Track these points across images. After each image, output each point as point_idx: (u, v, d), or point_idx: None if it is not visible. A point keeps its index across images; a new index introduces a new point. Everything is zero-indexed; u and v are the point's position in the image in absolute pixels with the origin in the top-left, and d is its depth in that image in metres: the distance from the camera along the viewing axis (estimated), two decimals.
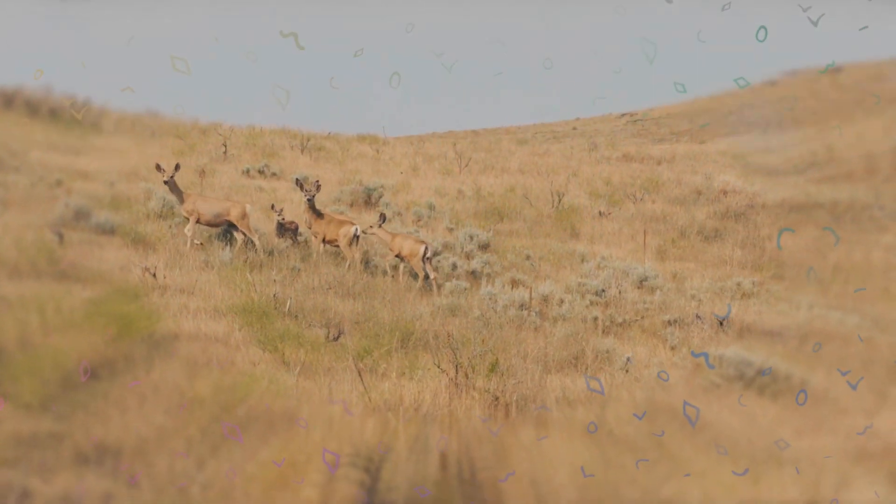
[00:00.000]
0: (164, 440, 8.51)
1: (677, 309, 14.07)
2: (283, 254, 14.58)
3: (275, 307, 12.09)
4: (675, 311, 13.93)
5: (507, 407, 10.20)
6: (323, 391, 10.19)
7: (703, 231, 17.99)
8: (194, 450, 8.49)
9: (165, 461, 8.23)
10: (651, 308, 14.25)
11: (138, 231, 13.55)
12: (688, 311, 13.89)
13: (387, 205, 17.88)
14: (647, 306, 14.30)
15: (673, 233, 18.04)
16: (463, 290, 14.51)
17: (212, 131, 21.56)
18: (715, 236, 17.92)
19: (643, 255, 17.00)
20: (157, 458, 8.27)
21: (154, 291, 11.75)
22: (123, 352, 10.00)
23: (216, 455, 8.47)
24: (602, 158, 23.64)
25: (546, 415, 9.67)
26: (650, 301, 14.41)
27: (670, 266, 16.54)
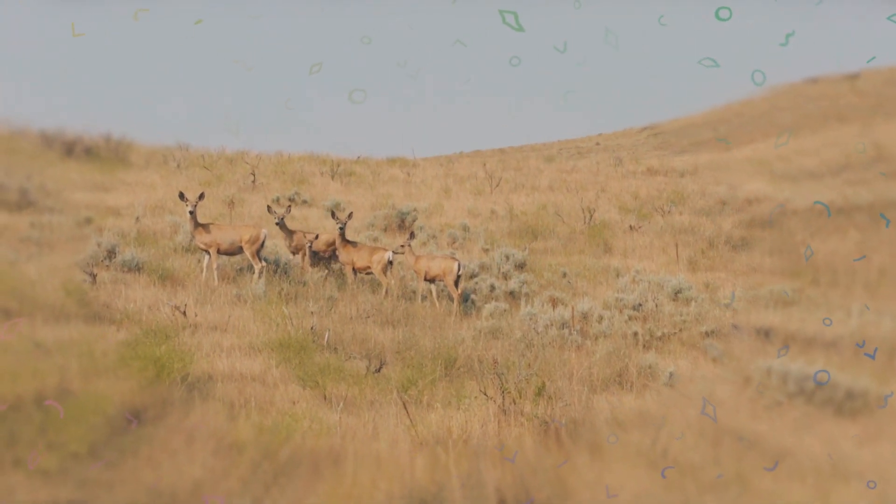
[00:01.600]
0: (216, 483, 8.15)
1: (713, 319, 13.76)
2: (319, 283, 14.23)
3: (313, 340, 11.70)
4: (712, 322, 13.62)
5: (557, 433, 9.79)
6: (367, 427, 9.77)
7: (731, 240, 17.75)
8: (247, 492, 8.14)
9: None
10: (688, 320, 13.94)
11: (165, 267, 13.24)
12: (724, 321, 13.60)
13: (420, 228, 17.56)
14: (683, 318, 13.99)
15: (702, 243, 17.81)
16: (503, 311, 14.10)
17: (239, 160, 21.40)
18: (742, 245, 17.67)
19: (675, 267, 16.72)
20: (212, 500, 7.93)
21: (185, 330, 11.40)
22: (161, 395, 9.67)
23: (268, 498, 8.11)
24: (628, 173, 23.35)
25: (600, 440, 9.18)
26: (686, 313, 14.08)
27: (702, 276, 16.31)
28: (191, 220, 13.82)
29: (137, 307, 11.85)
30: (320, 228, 16.51)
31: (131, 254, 13.28)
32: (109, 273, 12.88)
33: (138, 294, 12.34)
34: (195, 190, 17.98)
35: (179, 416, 9.25)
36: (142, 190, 17.51)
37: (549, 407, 9.98)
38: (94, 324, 11.11)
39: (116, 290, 12.30)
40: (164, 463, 8.22)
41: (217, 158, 21.48)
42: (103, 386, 9.36)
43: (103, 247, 13.14)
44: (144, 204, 16.38)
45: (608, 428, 9.72)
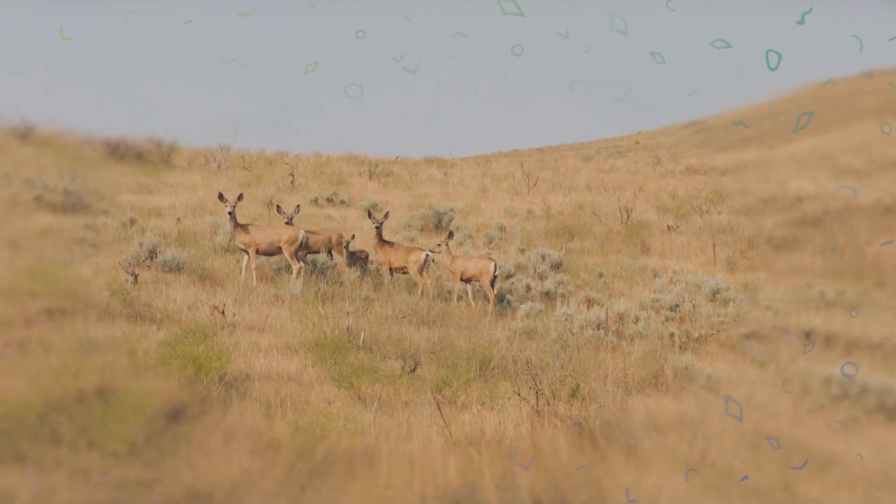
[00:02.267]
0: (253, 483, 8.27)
1: (753, 321, 13.55)
2: (355, 283, 14.36)
3: (348, 340, 11.81)
4: (752, 324, 13.42)
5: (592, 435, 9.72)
6: (401, 427, 9.84)
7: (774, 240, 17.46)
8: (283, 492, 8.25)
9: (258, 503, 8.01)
10: (726, 321, 13.78)
11: (205, 267, 13.45)
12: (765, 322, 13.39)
13: (457, 228, 17.61)
14: (721, 319, 13.83)
15: (741, 243, 17.59)
16: (538, 312, 14.10)
17: (278, 161, 21.62)
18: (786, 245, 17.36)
19: (713, 267, 16.55)
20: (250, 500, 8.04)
21: (223, 330, 11.58)
22: (200, 394, 9.85)
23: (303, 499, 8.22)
24: (666, 172, 23.14)
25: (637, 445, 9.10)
26: (724, 314, 13.93)
27: (741, 277, 16.12)
28: (230, 221, 14.03)
29: (177, 307, 12.06)
30: (357, 229, 16.64)
31: (172, 254, 13.52)
32: (151, 273, 13.12)
33: (178, 294, 12.56)
34: (235, 191, 18.24)
35: (218, 414, 9.41)
36: (183, 191, 17.80)
37: (583, 408, 9.96)
38: (136, 323, 11.35)
39: (157, 290, 12.53)
40: (202, 462, 8.35)
41: (257, 159, 21.72)
42: (145, 384, 9.57)
43: (145, 247, 13.39)
44: (185, 205, 16.65)
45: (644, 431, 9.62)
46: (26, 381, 9.04)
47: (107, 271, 12.80)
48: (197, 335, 10.79)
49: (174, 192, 17.66)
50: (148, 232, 14.65)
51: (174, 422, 8.97)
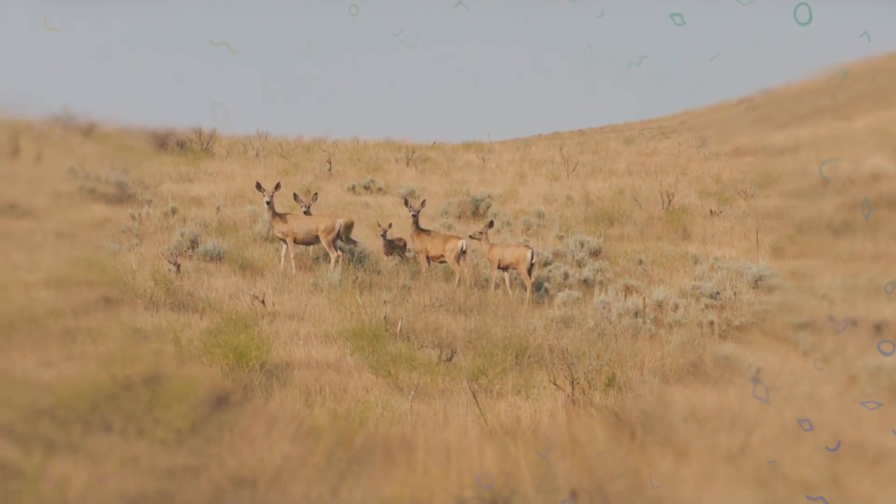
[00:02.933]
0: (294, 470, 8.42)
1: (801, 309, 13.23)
2: (393, 272, 14.46)
3: (386, 329, 11.94)
4: (805, 313, 13.08)
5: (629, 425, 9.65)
6: (438, 415, 9.94)
7: (833, 224, 16.99)
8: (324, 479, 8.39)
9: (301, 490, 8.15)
10: (770, 309, 13.52)
11: (245, 257, 13.64)
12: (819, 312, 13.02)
13: (495, 215, 17.61)
14: (765, 307, 13.58)
15: (789, 228, 17.21)
16: (576, 300, 14.08)
17: (316, 148, 21.75)
18: (845, 229, 16.88)
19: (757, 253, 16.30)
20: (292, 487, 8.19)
21: (264, 319, 11.77)
22: (242, 381, 10.04)
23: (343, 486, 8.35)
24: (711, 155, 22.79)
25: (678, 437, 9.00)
26: (768, 302, 13.68)
27: (788, 264, 15.75)
28: (268, 210, 14.20)
29: (219, 296, 12.28)
30: (395, 216, 16.75)
31: (213, 243, 13.73)
32: (192, 262, 13.36)
33: (219, 283, 12.78)
34: (273, 179, 18.43)
35: (260, 401, 9.60)
36: (222, 180, 18.03)
37: (619, 398, 9.93)
38: (180, 312, 11.58)
39: (199, 280, 12.76)
40: (246, 449, 8.52)
41: (294, 146, 21.88)
42: (190, 372, 9.80)
43: (186, 237, 13.63)
44: (224, 194, 16.87)
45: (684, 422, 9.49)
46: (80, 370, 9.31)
47: (151, 261, 13.06)
48: (238, 324, 10.99)
49: (213, 181, 17.90)
50: (189, 221, 14.89)
51: (218, 409, 9.15)
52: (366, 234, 16.05)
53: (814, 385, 9.48)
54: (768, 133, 23.37)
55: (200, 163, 18.95)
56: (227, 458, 8.29)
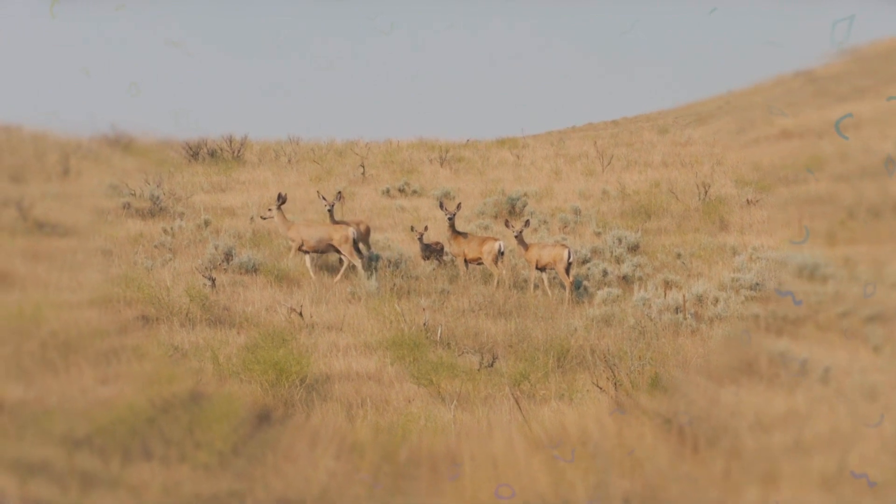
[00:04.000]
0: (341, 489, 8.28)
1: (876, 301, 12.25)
2: (431, 276, 14.29)
3: (425, 336, 11.79)
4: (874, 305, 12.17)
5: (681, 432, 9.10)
6: (482, 425, 9.75)
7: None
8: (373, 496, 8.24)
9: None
10: (824, 301, 12.93)
11: (280, 268, 13.53)
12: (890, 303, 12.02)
13: (531, 213, 17.38)
14: (818, 299, 13.01)
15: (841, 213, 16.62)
16: (615, 297, 13.83)
17: (348, 151, 21.60)
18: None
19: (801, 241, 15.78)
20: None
21: (302, 331, 11.66)
22: (283, 396, 9.93)
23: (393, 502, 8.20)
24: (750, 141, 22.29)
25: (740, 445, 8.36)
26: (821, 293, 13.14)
27: (841, 251, 15.16)
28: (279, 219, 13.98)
29: (255, 309, 12.20)
30: (430, 219, 16.57)
31: (247, 256, 13.65)
32: (227, 276, 13.29)
33: (256, 296, 12.69)
34: (306, 185, 18.37)
35: (301, 417, 9.49)
36: (255, 188, 17.98)
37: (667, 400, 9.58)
38: (217, 328, 11.51)
39: (235, 293, 12.69)
40: (290, 469, 8.39)
41: (326, 151, 21.77)
42: (230, 390, 9.71)
43: (220, 249, 13.56)
44: (258, 203, 16.81)
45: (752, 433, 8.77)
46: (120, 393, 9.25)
47: (185, 275, 13.01)
48: (276, 339, 10.89)
49: (246, 190, 17.85)
50: (222, 233, 14.83)
51: (260, 427, 9.04)
52: (402, 239, 15.90)
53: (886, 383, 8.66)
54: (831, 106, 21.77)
55: (232, 171, 18.91)
56: (272, 480, 8.16)
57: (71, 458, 7.44)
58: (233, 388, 9.79)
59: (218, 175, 18.57)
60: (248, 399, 9.56)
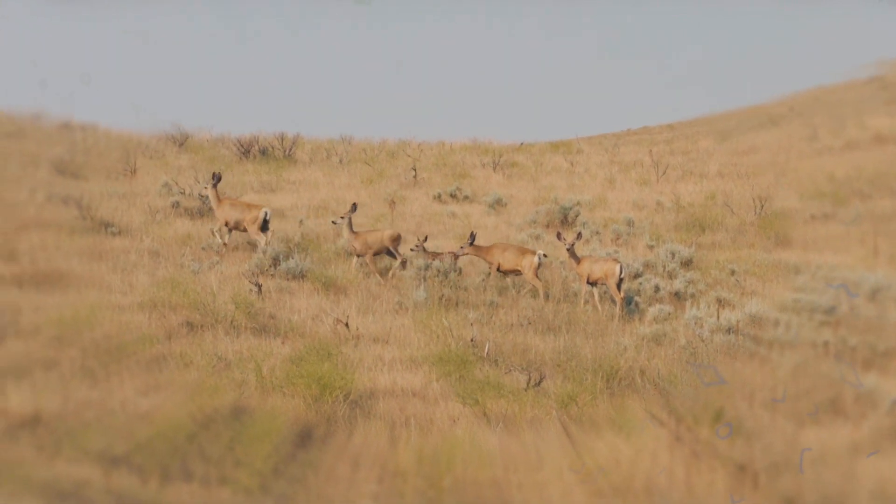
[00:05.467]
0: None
1: None
2: (480, 287, 14.02)
3: (472, 352, 11.53)
4: None
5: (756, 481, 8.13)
6: (529, 453, 9.40)
7: None
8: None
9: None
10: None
11: (328, 275, 13.33)
12: None
13: (584, 224, 17.01)
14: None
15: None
16: (667, 315, 13.42)
17: (400, 152, 21.38)
18: None
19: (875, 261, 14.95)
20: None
21: (347, 343, 11.47)
22: (326, 412, 9.74)
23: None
24: (824, 149, 21.39)
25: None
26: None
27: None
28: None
29: (301, 318, 12.02)
30: (481, 227, 16.31)
31: (295, 261, 13.48)
32: (274, 281, 13.14)
33: (302, 303, 12.52)
34: (356, 188, 18.19)
35: (343, 437, 9.27)
36: (305, 189, 17.83)
37: (741, 443, 8.80)
38: (262, 336, 11.36)
39: (281, 300, 12.53)
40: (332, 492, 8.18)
41: (378, 151, 21.56)
42: (272, 405, 9.54)
43: (268, 254, 13.42)
44: (308, 205, 16.65)
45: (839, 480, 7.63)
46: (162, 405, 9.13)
47: (232, 280, 12.88)
48: (321, 352, 10.71)
49: (296, 191, 17.70)
50: (272, 237, 14.70)
51: (301, 446, 8.87)
52: (452, 247, 15.60)
53: None
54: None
55: (283, 171, 18.79)
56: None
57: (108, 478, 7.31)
58: (275, 403, 9.62)
59: (268, 174, 18.46)
60: (290, 415, 9.38)
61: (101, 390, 8.82)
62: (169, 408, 9.06)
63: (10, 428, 7.53)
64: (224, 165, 18.90)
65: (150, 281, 12.33)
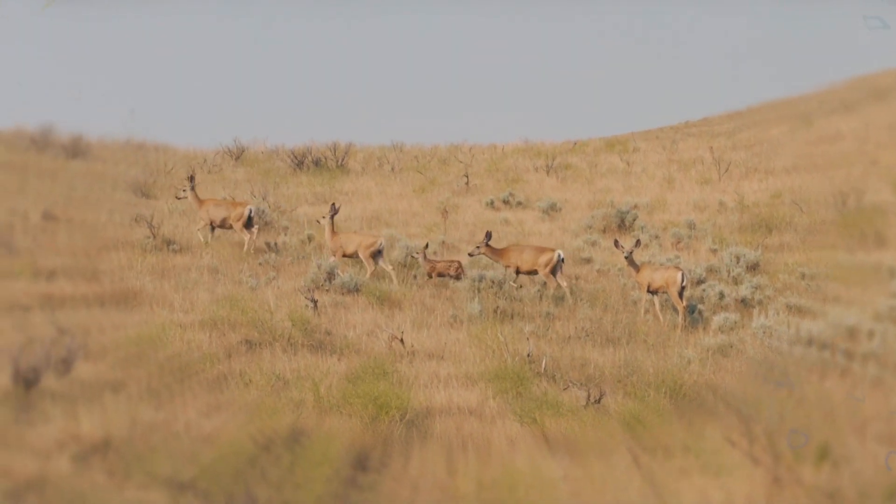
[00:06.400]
0: None
1: None
2: (535, 298, 13.75)
3: (529, 367, 11.28)
4: None
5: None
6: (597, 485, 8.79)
7: None
8: None
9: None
10: None
11: (382, 289, 13.21)
12: None
13: (642, 228, 16.58)
14: None
15: None
16: (732, 324, 12.96)
17: (452, 158, 21.13)
18: None
19: None
20: None
21: (403, 359, 11.33)
22: (382, 434, 9.60)
23: None
24: None
25: None
26: None
27: None
28: None
29: (357, 334, 11.93)
30: (535, 234, 16.03)
31: (349, 275, 13.40)
32: (329, 296, 13.07)
33: (357, 318, 12.43)
34: (409, 197, 18.03)
35: (400, 461, 9.11)
36: (358, 200, 17.72)
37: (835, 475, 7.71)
38: (318, 354, 11.29)
39: (336, 315, 12.46)
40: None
41: (430, 157, 21.35)
42: (329, 427, 9.44)
43: (323, 269, 13.36)
44: (360, 216, 16.54)
45: None
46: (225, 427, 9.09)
47: (289, 296, 12.85)
48: (376, 371, 10.60)
49: (349, 202, 17.59)
50: (326, 249, 14.63)
51: (361, 469, 8.73)
52: None
53: None
54: None
55: (336, 181, 18.72)
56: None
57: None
58: (332, 425, 9.52)
59: (321, 186, 18.42)
60: (347, 437, 9.27)
61: (166, 412, 8.84)
62: (230, 430, 9.04)
63: (83, 453, 7.55)
64: (278, 178, 18.94)
65: (209, 298, 12.36)
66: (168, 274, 13.27)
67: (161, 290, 12.51)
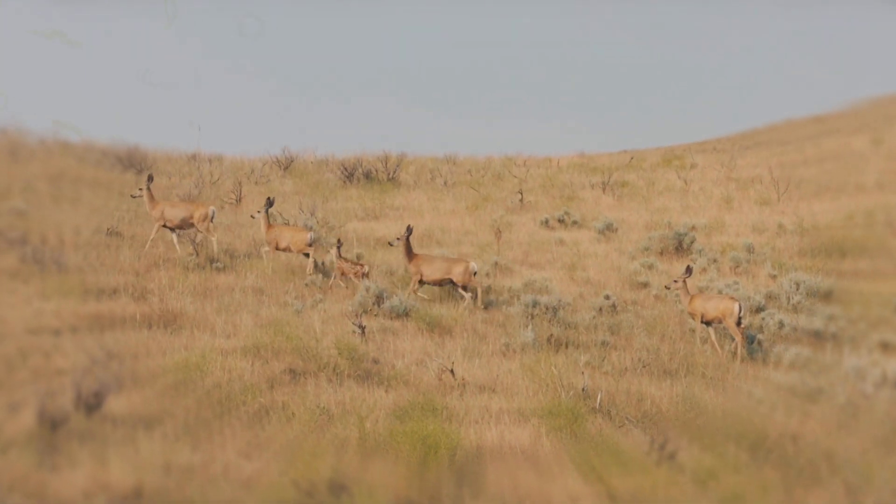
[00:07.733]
0: None
1: None
2: (591, 326, 13.24)
3: (584, 402, 10.82)
4: None
5: None
6: None
7: None
8: None
9: None
10: None
11: (432, 314, 12.77)
12: None
13: (699, 251, 15.97)
14: None
15: None
16: (805, 360, 12.24)
17: (506, 172, 20.63)
18: None
19: None
20: None
21: (453, 392, 10.92)
22: (430, 484, 9.17)
23: None
24: None
25: None
26: None
27: None
28: None
29: (405, 363, 11.53)
30: (591, 255, 15.49)
31: (398, 299, 13.01)
32: (377, 321, 12.69)
33: (406, 346, 12.03)
34: (462, 215, 17.60)
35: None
36: (409, 216, 17.29)
37: None
38: (365, 384, 10.91)
39: (385, 342, 12.06)
40: None
41: (484, 170, 20.88)
42: (373, 474, 9.04)
43: (372, 292, 12.98)
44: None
45: None
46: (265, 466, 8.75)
47: (335, 320, 12.47)
48: (425, 407, 10.21)
49: (400, 217, 17.19)
50: (374, 269, 14.25)
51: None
52: (560, 278, 14.85)
53: None
54: None
55: (387, 195, 18.34)
56: None
57: None
58: (377, 471, 9.11)
59: (372, 200, 18.03)
60: (392, 488, 8.85)
61: (203, 453, 8.50)
62: (271, 473, 8.69)
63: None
64: (327, 191, 18.61)
65: (253, 322, 12.04)
66: (210, 294, 12.98)
67: (203, 312, 12.21)
